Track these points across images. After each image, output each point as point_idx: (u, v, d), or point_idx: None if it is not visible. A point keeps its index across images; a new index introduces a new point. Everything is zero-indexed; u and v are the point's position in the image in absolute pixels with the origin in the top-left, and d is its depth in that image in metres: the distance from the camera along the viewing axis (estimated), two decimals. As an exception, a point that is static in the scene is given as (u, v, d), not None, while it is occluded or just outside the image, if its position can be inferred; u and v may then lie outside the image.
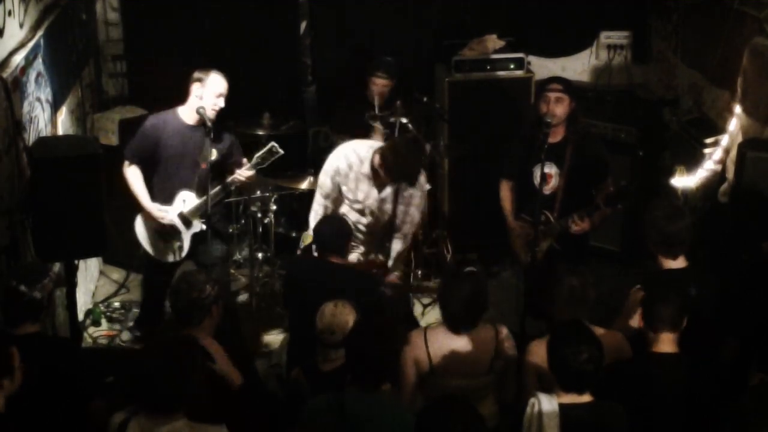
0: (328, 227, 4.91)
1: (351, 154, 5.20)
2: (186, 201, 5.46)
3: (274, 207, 6.36)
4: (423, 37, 7.30)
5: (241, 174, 5.45)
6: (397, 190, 5.20)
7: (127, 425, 3.28)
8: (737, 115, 5.52)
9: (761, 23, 5.38)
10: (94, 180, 4.47)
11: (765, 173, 4.56)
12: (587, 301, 4.09)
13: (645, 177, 6.58)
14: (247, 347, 5.68)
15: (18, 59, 4.68)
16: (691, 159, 5.91)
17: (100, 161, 4.51)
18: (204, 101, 5.27)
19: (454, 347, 4.07)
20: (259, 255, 6.58)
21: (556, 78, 5.47)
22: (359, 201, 5.21)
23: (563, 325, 3.77)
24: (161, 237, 5.51)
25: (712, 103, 6.22)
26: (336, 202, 5.28)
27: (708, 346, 4.18)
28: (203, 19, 7.09)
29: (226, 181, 5.48)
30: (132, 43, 7.13)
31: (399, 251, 5.37)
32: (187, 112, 5.36)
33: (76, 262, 4.74)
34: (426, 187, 6.28)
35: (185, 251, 5.52)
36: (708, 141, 5.86)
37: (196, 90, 5.29)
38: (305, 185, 6.32)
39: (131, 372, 3.32)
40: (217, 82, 5.30)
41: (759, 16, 5.41)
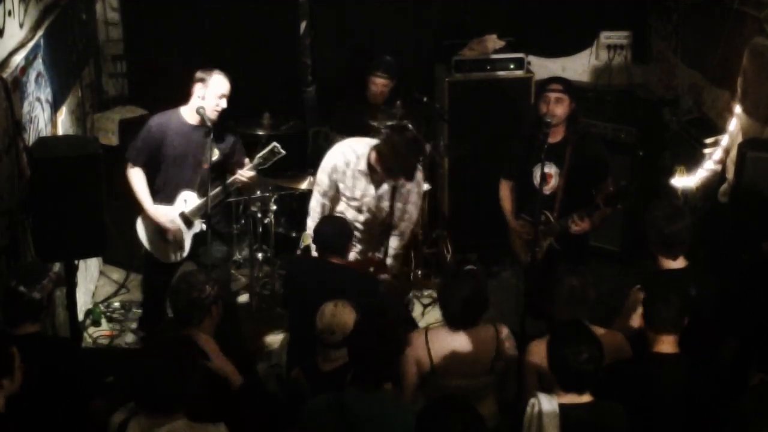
0: (328, 227, 4.91)
1: (348, 151, 5.21)
2: (187, 201, 5.45)
3: (274, 207, 6.37)
4: (423, 37, 7.30)
5: (243, 174, 5.44)
6: (395, 187, 5.20)
7: (127, 425, 3.29)
8: (737, 115, 5.52)
9: (761, 23, 5.38)
10: (94, 180, 4.47)
11: (765, 173, 4.56)
12: (587, 301, 4.09)
13: (645, 177, 6.58)
14: (247, 347, 5.68)
15: (18, 59, 4.68)
16: (691, 159, 5.91)
17: (100, 161, 4.51)
18: (206, 102, 5.26)
19: (455, 347, 4.07)
20: (259, 255, 6.58)
21: (556, 78, 5.47)
22: (356, 198, 5.21)
23: (563, 325, 3.77)
24: (162, 237, 5.50)
25: (712, 103, 6.22)
26: (334, 200, 5.29)
27: (708, 346, 4.19)
28: (203, 19, 7.09)
29: (226, 182, 5.47)
30: (132, 43, 7.13)
31: (396, 249, 5.38)
32: (190, 112, 5.35)
33: (76, 262, 4.75)
34: (424, 187, 6.30)
35: (186, 251, 5.52)
36: (708, 141, 5.86)
37: (198, 90, 5.28)
38: (305, 185, 6.31)
39: (131, 372, 3.33)
40: (220, 82, 5.29)
41: (759, 16, 5.41)
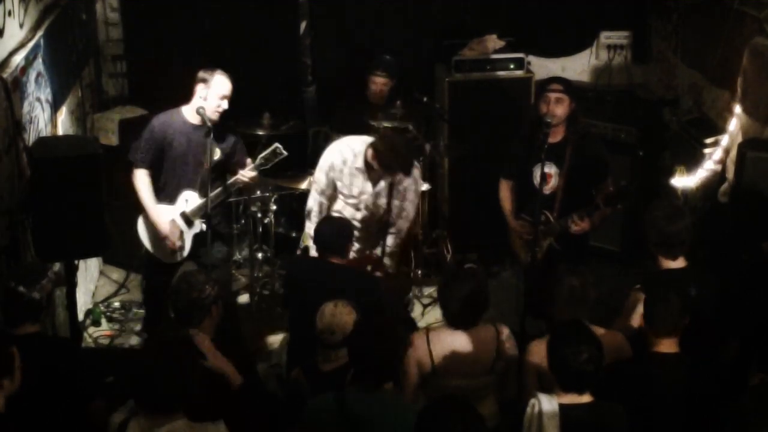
0: (328, 228, 4.92)
1: (345, 149, 5.25)
2: (189, 201, 5.44)
3: (274, 207, 6.37)
4: (423, 37, 7.29)
5: (245, 174, 5.43)
6: (392, 184, 5.22)
7: (127, 425, 3.29)
8: (737, 115, 5.52)
9: (761, 23, 5.38)
10: (94, 180, 4.47)
11: (765, 173, 4.56)
12: (587, 301, 4.09)
13: (645, 177, 6.58)
14: (247, 347, 5.68)
15: (18, 59, 4.68)
16: (691, 159, 5.91)
17: (100, 161, 4.51)
18: (207, 103, 5.25)
19: (456, 348, 4.07)
20: (259, 255, 6.58)
21: (556, 78, 5.47)
22: (354, 196, 5.24)
23: (563, 325, 3.77)
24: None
25: (712, 103, 6.22)
26: (331, 198, 5.32)
27: (708, 346, 4.18)
28: (203, 19, 7.09)
29: (227, 182, 5.46)
30: (132, 43, 7.13)
31: (392, 247, 5.41)
32: (191, 111, 5.34)
33: (76, 262, 4.74)
34: (424, 186, 6.32)
35: (187, 251, 5.51)
36: (708, 141, 5.86)
37: (200, 91, 5.28)
38: (305, 185, 6.31)
39: (131, 372, 3.33)
40: (222, 83, 5.28)
41: (759, 16, 5.41)
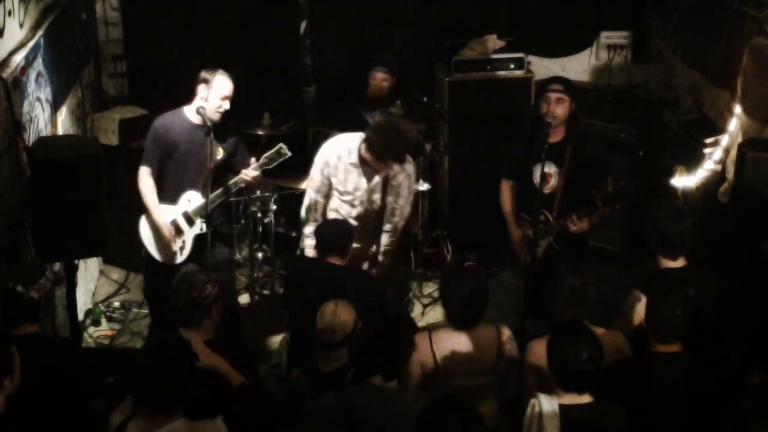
0: (329, 228, 4.97)
1: (340, 145, 5.29)
2: (191, 200, 5.44)
3: (274, 207, 6.36)
4: (423, 37, 7.29)
5: (247, 174, 5.42)
6: (386, 180, 5.23)
7: (127, 425, 3.28)
8: (737, 115, 5.52)
9: (761, 23, 5.38)
10: (94, 180, 4.47)
11: (765, 173, 4.56)
12: (587, 301, 4.09)
13: (645, 177, 6.58)
14: (248, 347, 5.68)
15: (18, 59, 4.68)
16: (691, 159, 5.91)
17: (100, 161, 4.51)
18: (209, 103, 5.25)
19: (458, 348, 4.08)
20: (259, 255, 6.58)
21: (557, 78, 5.45)
22: (349, 192, 5.27)
23: (563, 325, 3.77)
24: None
25: (712, 103, 6.22)
26: (327, 196, 5.33)
27: (708, 346, 4.18)
28: (203, 19, 7.09)
29: (228, 183, 5.45)
30: (132, 43, 7.12)
31: (387, 245, 5.43)
32: (193, 112, 5.35)
33: (76, 262, 4.74)
34: (424, 186, 6.32)
35: (188, 251, 5.50)
36: (708, 141, 5.86)
37: (201, 91, 5.28)
38: (305, 185, 6.30)
39: (131, 372, 3.32)
40: (223, 84, 5.27)
41: (759, 16, 5.41)
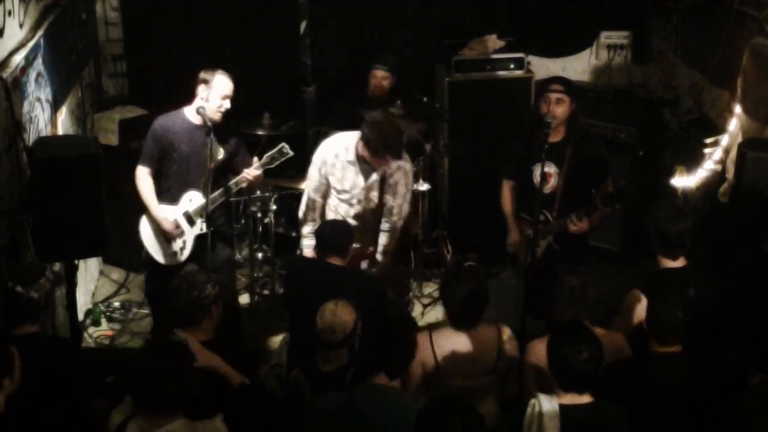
0: (329, 228, 4.97)
1: (337, 143, 5.31)
2: (192, 200, 5.44)
3: (274, 207, 6.36)
4: (423, 37, 7.30)
5: (249, 173, 5.42)
6: (383, 178, 5.23)
7: (127, 425, 3.28)
8: (737, 115, 5.52)
9: (761, 23, 5.38)
10: (94, 180, 4.47)
11: (765, 173, 4.56)
12: (587, 301, 4.09)
13: (645, 177, 6.58)
14: (248, 347, 5.68)
15: (18, 59, 4.68)
16: (691, 159, 5.91)
17: (100, 161, 4.51)
18: (209, 104, 5.26)
19: (459, 348, 4.08)
20: (259, 255, 6.58)
21: (557, 78, 5.46)
22: (347, 191, 5.28)
23: (563, 325, 3.77)
24: (166, 238, 5.50)
25: (712, 103, 6.22)
26: (325, 196, 5.35)
27: (708, 346, 4.18)
28: (203, 19, 7.09)
29: (229, 183, 5.45)
30: (132, 43, 7.13)
31: (386, 245, 5.44)
32: (193, 112, 5.35)
33: (76, 262, 4.74)
34: (424, 187, 6.32)
35: (188, 251, 5.50)
36: (708, 141, 5.86)
37: (201, 92, 5.28)
38: (305, 185, 6.31)
39: (131, 372, 3.32)
40: (223, 83, 5.28)
41: (759, 16, 5.41)
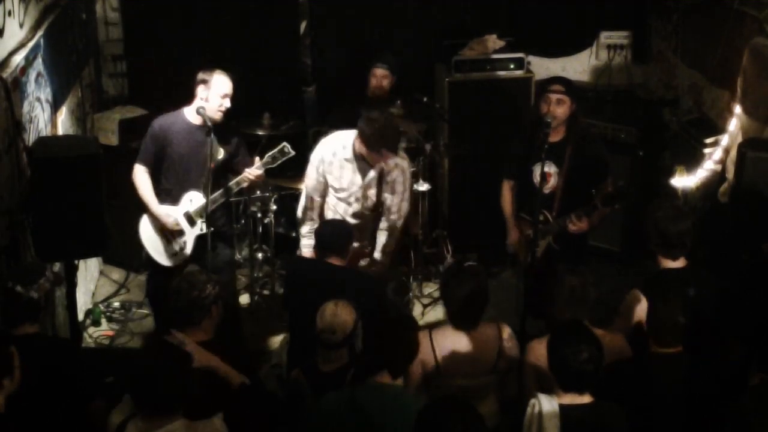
0: (329, 228, 4.97)
1: (334, 141, 5.32)
2: (193, 200, 5.44)
3: (274, 207, 6.36)
4: (423, 37, 7.30)
5: (251, 173, 5.42)
6: (380, 176, 5.24)
7: (126, 425, 3.28)
8: (737, 115, 5.52)
9: (761, 23, 5.38)
10: (94, 180, 4.47)
11: (765, 173, 4.56)
12: (587, 301, 4.09)
13: (645, 177, 6.58)
14: (248, 347, 5.68)
15: (18, 59, 4.68)
16: (691, 159, 5.91)
17: (100, 161, 4.51)
18: (209, 103, 5.26)
19: (459, 348, 4.08)
20: (259, 255, 6.58)
21: (557, 78, 5.45)
22: (344, 189, 5.28)
23: (563, 325, 3.77)
24: (166, 237, 5.50)
25: (712, 103, 6.22)
26: (324, 195, 5.35)
27: (708, 346, 4.18)
28: (203, 19, 7.09)
29: (230, 183, 5.45)
30: (132, 43, 7.13)
31: (385, 245, 5.44)
32: (193, 112, 5.36)
33: (76, 262, 4.74)
34: (424, 187, 6.32)
35: (189, 251, 5.50)
36: (708, 141, 5.86)
37: (201, 92, 5.28)
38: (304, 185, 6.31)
39: (131, 372, 3.32)
40: (222, 82, 5.28)
41: (759, 16, 5.41)
